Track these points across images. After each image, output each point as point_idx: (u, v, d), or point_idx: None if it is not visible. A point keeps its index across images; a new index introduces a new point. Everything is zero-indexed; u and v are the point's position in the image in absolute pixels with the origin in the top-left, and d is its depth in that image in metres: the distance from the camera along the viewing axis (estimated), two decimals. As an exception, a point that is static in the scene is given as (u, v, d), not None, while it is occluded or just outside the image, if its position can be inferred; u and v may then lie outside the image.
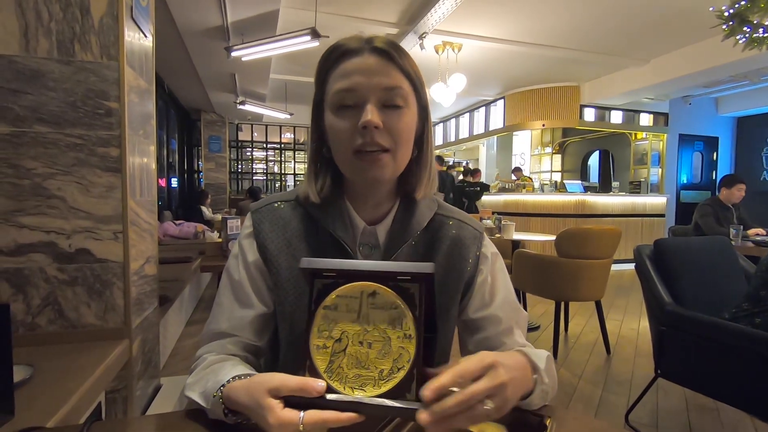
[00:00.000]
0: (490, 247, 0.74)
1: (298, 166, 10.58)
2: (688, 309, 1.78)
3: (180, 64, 5.00)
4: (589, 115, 6.89)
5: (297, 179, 10.43)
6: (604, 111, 6.96)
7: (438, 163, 3.77)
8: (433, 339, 0.50)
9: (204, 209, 6.36)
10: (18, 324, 1.03)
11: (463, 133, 9.02)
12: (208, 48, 4.39)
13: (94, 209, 1.09)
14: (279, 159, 10.53)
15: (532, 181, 7.46)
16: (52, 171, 1.05)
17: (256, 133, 10.18)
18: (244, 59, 4.01)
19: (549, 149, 8.68)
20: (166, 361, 2.57)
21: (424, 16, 4.14)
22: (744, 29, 2.58)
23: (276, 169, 10.57)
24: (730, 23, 2.61)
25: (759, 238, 3.29)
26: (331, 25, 4.11)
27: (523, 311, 0.72)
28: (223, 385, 0.51)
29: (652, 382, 1.90)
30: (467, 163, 10.25)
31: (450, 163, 9.57)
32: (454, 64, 5.30)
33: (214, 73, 5.40)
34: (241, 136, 10.08)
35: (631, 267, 2.46)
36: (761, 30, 2.54)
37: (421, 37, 4.52)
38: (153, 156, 1.37)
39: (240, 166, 10.24)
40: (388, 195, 0.68)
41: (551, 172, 8.61)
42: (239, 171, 10.22)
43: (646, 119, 7.17)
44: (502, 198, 6.90)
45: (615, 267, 3.38)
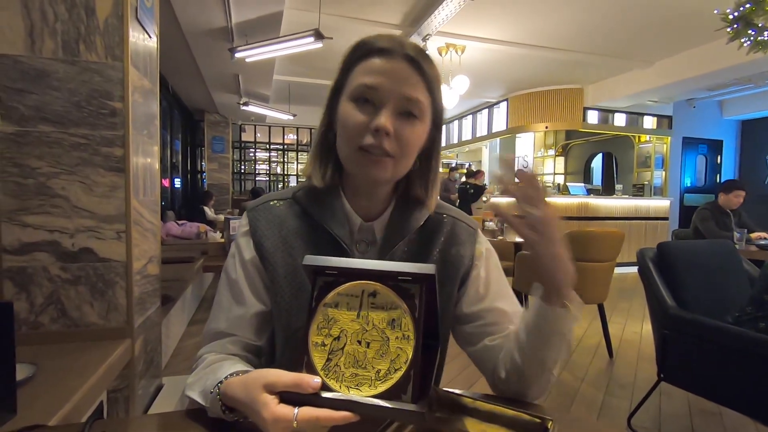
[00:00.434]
0: (484, 243, 0.75)
1: (301, 168, 10.57)
2: (691, 312, 1.77)
3: (184, 64, 5.03)
4: (593, 117, 6.88)
5: (299, 180, 10.43)
6: (607, 113, 6.94)
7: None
8: (436, 347, 0.50)
9: (207, 209, 6.38)
10: (21, 322, 1.04)
11: (466, 135, 9.02)
12: (212, 49, 4.41)
13: (98, 209, 1.09)
14: (282, 160, 10.56)
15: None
16: (56, 170, 1.06)
17: (259, 134, 10.20)
18: (247, 60, 4.02)
19: (552, 151, 8.67)
20: (168, 360, 2.58)
21: (427, 18, 4.14)
22: (749, 32, 2.57)
23: (279, 170, 10.59)
24: (735, 26, 2.60)
25: (763, 242, 3.27)
26: (335, 26, 4.12)
27: (518, 306, 0.73)
28: (220, 382, 0.51)
29: (655, 386, 1.89)
30: (470, 164, 10.25)
31: (453, 165, 9.57)
32: (457, 66, 5.30)
33: (218, 74, 5.42)
34: (245, 137, 10.11)
35: (634, 270, 2.45)
36: (766, 33, 2.53)
37: (424, 39, 4.52)
38: (156, 156, 1.37)
39: (243, 167, 10.27)
40: (385, 193, 0.69)
41: (554, 174, 8.60)
42: (242, 172, 10.25)
43: (649, 122, 7.15)
44: (504, 201, 6.89)
45: (618, 270, 3.37)
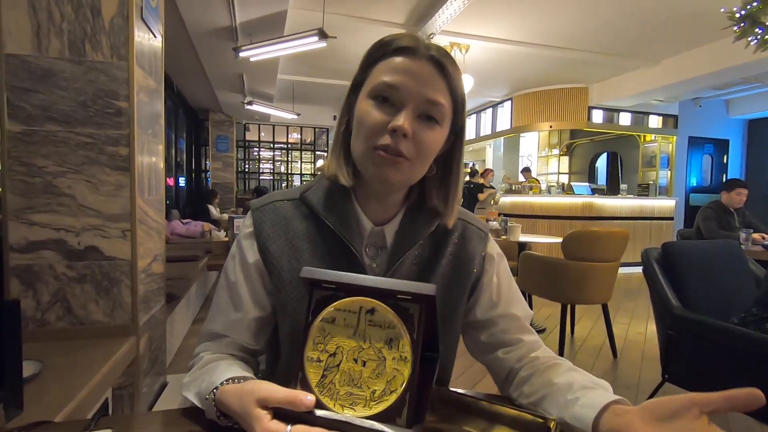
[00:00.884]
0: (495, 248, 0.74)
1: (305, 166, 10.62)
2: (696, 313, 1.76)
3: (189, 64, 5.04)
4: (598, 116, 6.84)
5: (303, 179, 10.46)
6: (612, 113, 6.90)
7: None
8: (434, 360, 0.49)
9: (211, 208, 6.41)
10: (27, 320, 1.05)
11: (470, 134, 9.00)
12: (216, 48, 4.42)
13: (103, 207, 1.10)
14: (286, 159, 10.58)
15: (539, 182, 7.42)
16: (63, 169, 1.07)
17: (263, 133, 10.23)
18: (252, 60, 4.03)
19: (556, 151, 8.63)
20: (173, 358, 2.59)
21: (431, 17, 4.13)
22: (756, 30, 2.55)
23: (283, 169, 10.62)
24: (742, 24, 2.58)
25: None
26: (339, 25, 4.12)
27: (529, 309, 0.73)
28: (216, 388, 0.51)
29: (659, 387, 1.88)
30: (473, 164, 10.23)
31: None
32: (461, 65, 5.26)
33: (222, 73, 5.44)
34: (249, 136, 10.14)
35: (638, 270, 2.44)
36: (773, 32, 2.51)
37: (428, 38, 4.51)
38: (161, 155, 1.38)
39: (247, 166, 10.30)
40: (398, 198, 0.67)
41: (558, 174, 8.56)
42: (246, 171, 10.28)
43: (655, 121, 7.10)
44: (508, 199, 6.87)
45: (622, 270, 3.36)
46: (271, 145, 10.39)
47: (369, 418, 0.42)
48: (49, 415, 0.71)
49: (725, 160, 7.81)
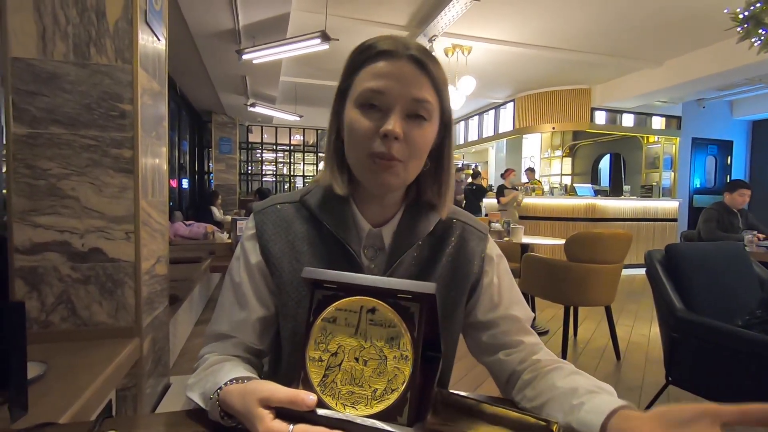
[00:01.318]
0: (495, 249, 0.74)
1: (308, 168, 10.63)
2: (700, 315, 1.75)
3: (192, 66, 5.07)
4: (600, 118, 6.82)
5: (306, 181, 10.48)
6: (615, 114, 6.89)
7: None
8: (436, 359, 0.49)
9: (214, 210, 6.42)
10: (32, 321, 1.06)
11: (473, 135, 8.99)
12: (219, 51, 4.44)
13: (107, 209, 1.11)
14: (288, 161, 10.60)
15: (542, 184, 7.40)
16: (67, 171, 1.07)
17: (266, 135, 10.26)
18: (255, 62, 4.04)
19: (559, 152, 8.61)
20: (176, 360, 2.59)
21: (434, 19, 4.14)
22: (759, 31, 2.54)
23: (285, 170, 10.64)
24: (746, 25, 2.57)
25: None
26: (342, 28, 4.13)
27: (529, 311, 0.72)
28: (220, 388, 0.52)
29: (663, 389, 1.87)
30: (476, 165, 10.22)
31: (459, 165, 9.55)
32: (463, 66, 5.29)
33: (225, 75, 5.46)
34: (251, 138, 10.16)
35: (642, 272, 2.43)
36: (777, 32, 2.50)
37: (430, 40, 4.52)
38: (165, 157, 1.38)
39: (250, 168, 10.32)
40: (396, 198, 0.68)
41: (561, 175, 8.54)
42: (249, 172, 10.30)
43: (658, 122, 7.08)
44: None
45: (626, 272, 3.34)
46: (274, 146, 10.40)
47: (370, 417, 0.42)
48: (54, 417, 0.72)
49: (729, 162, 7.77)
